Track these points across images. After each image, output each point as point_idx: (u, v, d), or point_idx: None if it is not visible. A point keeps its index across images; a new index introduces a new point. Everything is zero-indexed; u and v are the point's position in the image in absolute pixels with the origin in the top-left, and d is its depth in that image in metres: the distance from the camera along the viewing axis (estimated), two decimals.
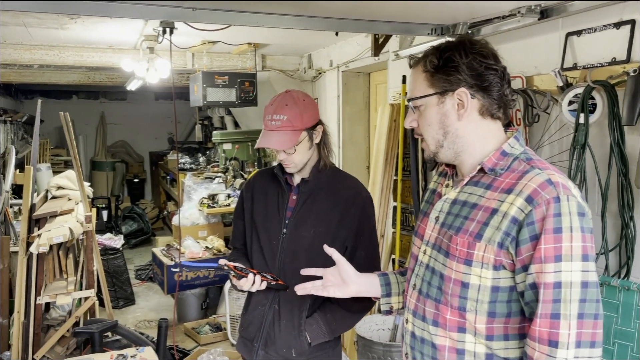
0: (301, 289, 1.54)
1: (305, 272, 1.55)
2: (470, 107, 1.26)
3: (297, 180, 1.88)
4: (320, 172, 1.86)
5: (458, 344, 1.26)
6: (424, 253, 1.36)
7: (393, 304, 1.56)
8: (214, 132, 6.13)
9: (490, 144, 1.29)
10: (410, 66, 1.37)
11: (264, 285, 1.73)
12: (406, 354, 1.40)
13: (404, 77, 3.25)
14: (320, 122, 1.86)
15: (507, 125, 1.37)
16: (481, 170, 1.28)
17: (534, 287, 1.15)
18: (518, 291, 1.20)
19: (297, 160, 1.81)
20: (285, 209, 1.85)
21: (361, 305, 1.82)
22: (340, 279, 1.51)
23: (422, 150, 3.13)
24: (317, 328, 1.79)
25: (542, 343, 1.14)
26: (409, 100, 1.35)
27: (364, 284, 1.54)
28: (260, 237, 1.87)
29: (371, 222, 1.88)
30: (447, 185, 1.40)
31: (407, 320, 1.39)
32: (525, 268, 1.16)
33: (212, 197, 5.23)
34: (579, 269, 1.12)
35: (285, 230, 1.83)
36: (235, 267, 1.72)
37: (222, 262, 1.73)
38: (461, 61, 1.25)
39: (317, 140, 1.84)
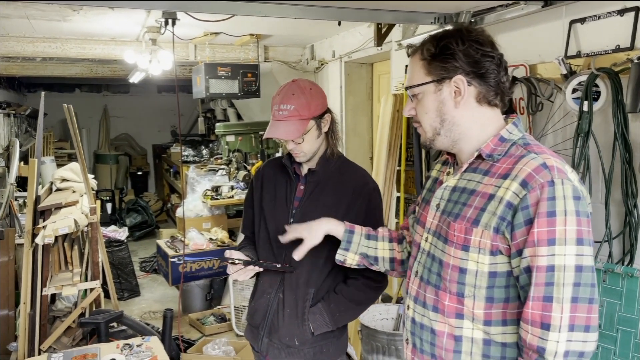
0: (298, 254, 1.64)
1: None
2: (467, 94, 1.27)
3: (305, 170, 1.88)
4: (327, 162, 1.86)
5: (456, 330, 1.27)
6: (426, 240, 1.38)
7: (348, 258, 1.64)
8: (217, 124, 6.14)
9: (489, 130, 1.30)
10: (409, 55, 1.38)
11: (262, 268, 1.77)
12: (406, 339, 1.42)
13: (407, 67, 3.24)
14: (328, 111, 1.85)
15: (509, 113, 1.38)
16: (479, 156, 1.29)
17: (528, 270, 1.16)
18: (514, 275, 1.21)
19: (306, 149, 1.81)
20: (293, 198, 1.86)
21: (366, 297, 1.83)
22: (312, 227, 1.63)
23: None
24: (320, 318, 1.80)
25: (534, 325, 1.15)
26: (406, 88, 1.36)
27: (335, 225, 1.64)
28: (268, 226, 1.88)
29: (378, 213, 1.87)
30: (448, 173, 1.41)
31: (408, 306, 1.41)
32: (520, 252, 1.17)
33: (216, 189, 5.24)
34: (573, 252, 1.13)
35: (292, 220, 1.83)
36: (239, 259, 1.74)
37: (228, 254, 1.76)
38: (457, 49, 1.26)
39: (325, 129, 1.84)
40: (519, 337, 1.20)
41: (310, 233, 1.62)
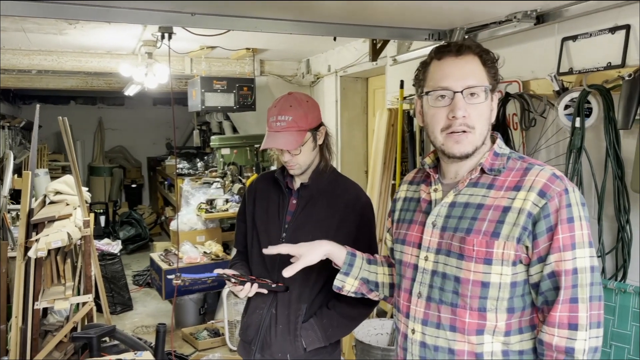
0: (289, 271, 1.55)
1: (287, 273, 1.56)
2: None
3: (297, 184, 1.88)
4: (320, 175, 1.86)
5: (477, 347, 1.26)
6: (426, 260, 1.34)
7: (346, 284, 1.57)
8: (212, 137, 6.13)
9: (487, 146, 1.33)
10: (456, 51, 1.28)
11: (262, 288, 1.74)
12: None
13: (402, 82, 3.27)
14: (322, 124, 1.86)
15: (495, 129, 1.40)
16: (481, 170, 1.30)
17: (553, 275, 1.20)
18: (531, 283, 1.24)
19: (302, 161, 1.81)
20: (285, 213, 1.86)
21: (358, 312, 1.82)
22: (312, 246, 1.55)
23: (420, 154, 3.14)
24: (313, 333, 1.78)
25: (562, 327, 1.19)
26: (468, 87, 1.26)
27: (337, 248, 1.56)
28: (261, 240, 1.87)
29: (370, 228, 1.87)
30: (435, 190, 1.38)
31: (413, 330, 1.36)
32: (541, 259, 1.21)
33: (210, 202, 5.23)
34: (587, 254, 1.20)
35: (284, 234, 1.83)
36: (233, 275, 1.73)
37: (219, 271, 1.74)
38: (497, 62, 1.31)
39: (320, 141, 1.84)
40: (539, 341, 1.23)
41: (309, 252, 1.54)
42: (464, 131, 1.27)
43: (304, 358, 1.80)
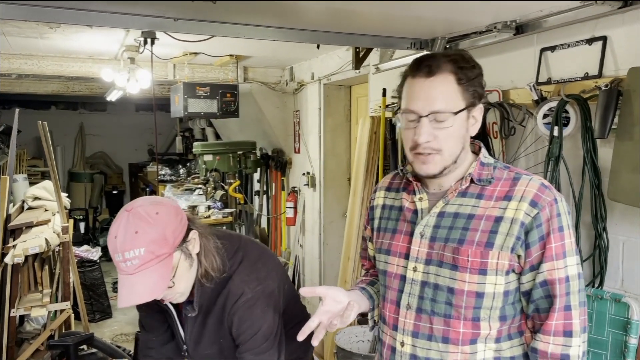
0: (316, 339, 1.36)
1: (301, 334, 1.33)
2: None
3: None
4: (203, 286, 1.50)
5: (469, 356, 1.26)
6: (414, 270, 1.31)
7: (375, 317, 1.53)
8: (195, 144, 6.09)
9: (471, 156, 1.33)
10: (428, 72, 1.23)
11: None
12: None
13: (384, 90, 3.29)
14: (190, 227, 1.43)
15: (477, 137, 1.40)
16: (470, 181, 1.30)
17: (545, 284, 1.22)
18: (522, 291, 1.26)
19: (183, 288, 1.44)
20: (178, 326, 1.64)
21: None
22: (340, 308, 1.35)
23: (402, 161, 3.16)
24: None
25: (557, 335, 1.21)
26: (433, 112, 1.22)
27: (359, 299, 1.46)
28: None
29: (258, 323, 1.53)
30: (420, 200, 1.34)
31: (402, 343, 1.33)
32: (533, 268, 1.23)
33: (192, 209, 5.19)
34: (574, 262, 1.23)
35: (185, 347, 1.66)
36: None
37: None
38: (481, 75, 1.27)
39: (196, 250, 1.44)
40: (533, 349, 1.24)
41: (345, 322, 1.35)
42: (430, 153, 1.25)
43: None
